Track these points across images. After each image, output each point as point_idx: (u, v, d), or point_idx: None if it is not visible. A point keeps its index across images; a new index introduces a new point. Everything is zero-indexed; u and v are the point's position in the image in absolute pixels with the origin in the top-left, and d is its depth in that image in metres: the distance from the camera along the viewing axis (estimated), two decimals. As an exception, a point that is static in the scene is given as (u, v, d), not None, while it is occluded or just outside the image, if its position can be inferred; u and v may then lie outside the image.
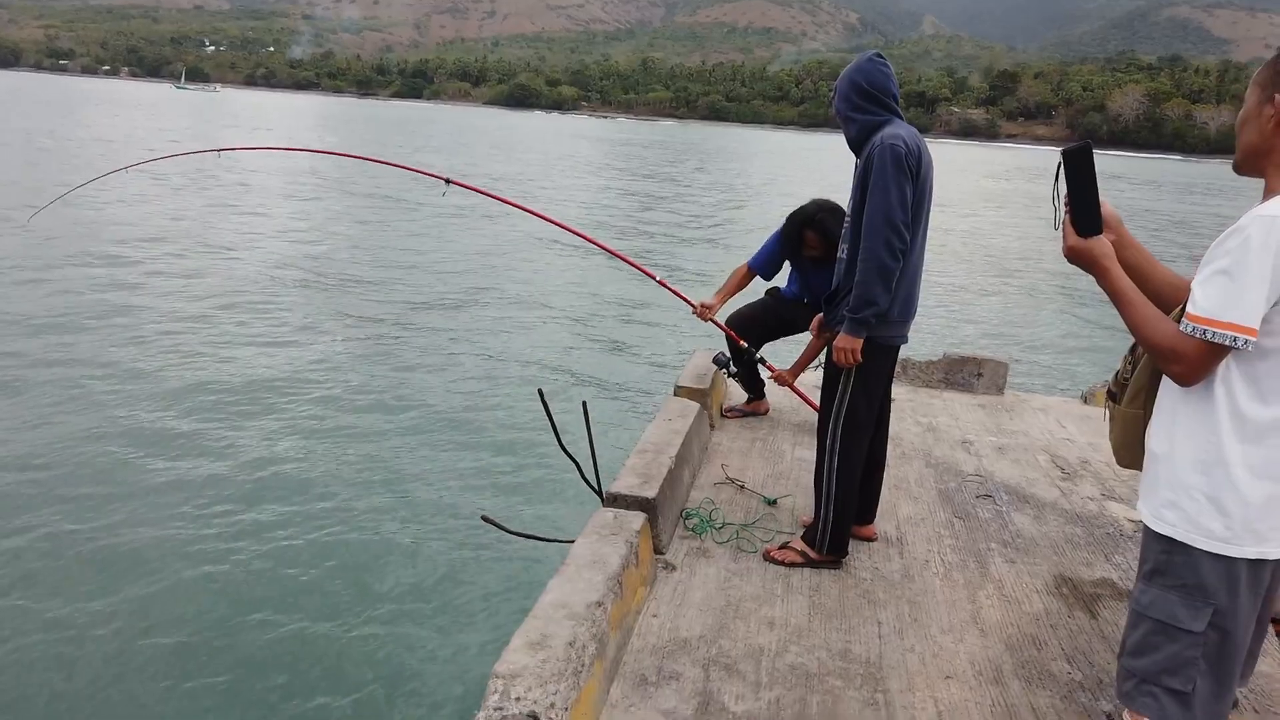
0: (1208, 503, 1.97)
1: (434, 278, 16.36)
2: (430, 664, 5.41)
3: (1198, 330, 1.89)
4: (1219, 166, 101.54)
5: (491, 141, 17.80)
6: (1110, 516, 4.37)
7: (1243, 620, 2.02)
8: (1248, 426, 1.93)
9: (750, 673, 2.94)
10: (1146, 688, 2.07)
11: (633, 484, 3.76)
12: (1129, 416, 2.24)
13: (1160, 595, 2.05)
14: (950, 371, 6.27)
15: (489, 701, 2.37)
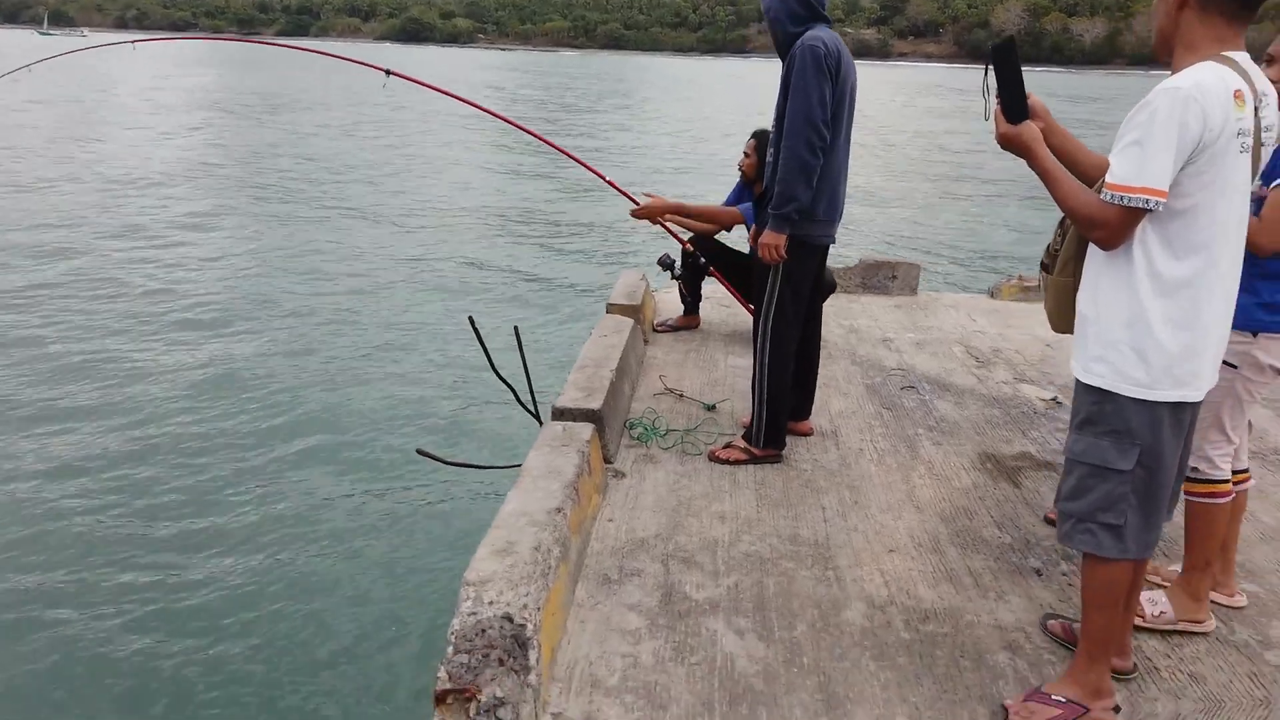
0: (1132, 353, 2.14)
1: (352, 197, 15.90)
2: (379, 601, 5.43)
3: (1115, 197, 2.04)
4: (1097, 78, 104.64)
5: (392, 85, 17.27)
6: (1023, 398, 4.64)
7: (1166, 458, 2.22)
8: (1163, 283, 2.10)
9: (708, 563, 3.08)
10: (1084, 526, 2.27)
11: (577, 398, 3.84)
12: (1060, 285, 2.40)
13: (1092, 442, 2.23)
14: (867, 275, 6.47)
15: (462, 608, 2.44)
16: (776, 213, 3.53)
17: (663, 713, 2.37)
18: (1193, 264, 2.09)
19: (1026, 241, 15.36)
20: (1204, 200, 2.05)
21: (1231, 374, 2.64)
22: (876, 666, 2.57)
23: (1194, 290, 2.11)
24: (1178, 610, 2.72)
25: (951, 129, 36.22)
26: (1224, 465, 2.70)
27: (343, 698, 4.62)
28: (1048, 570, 3.08)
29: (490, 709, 2.22)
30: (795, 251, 3.63)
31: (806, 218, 3.58)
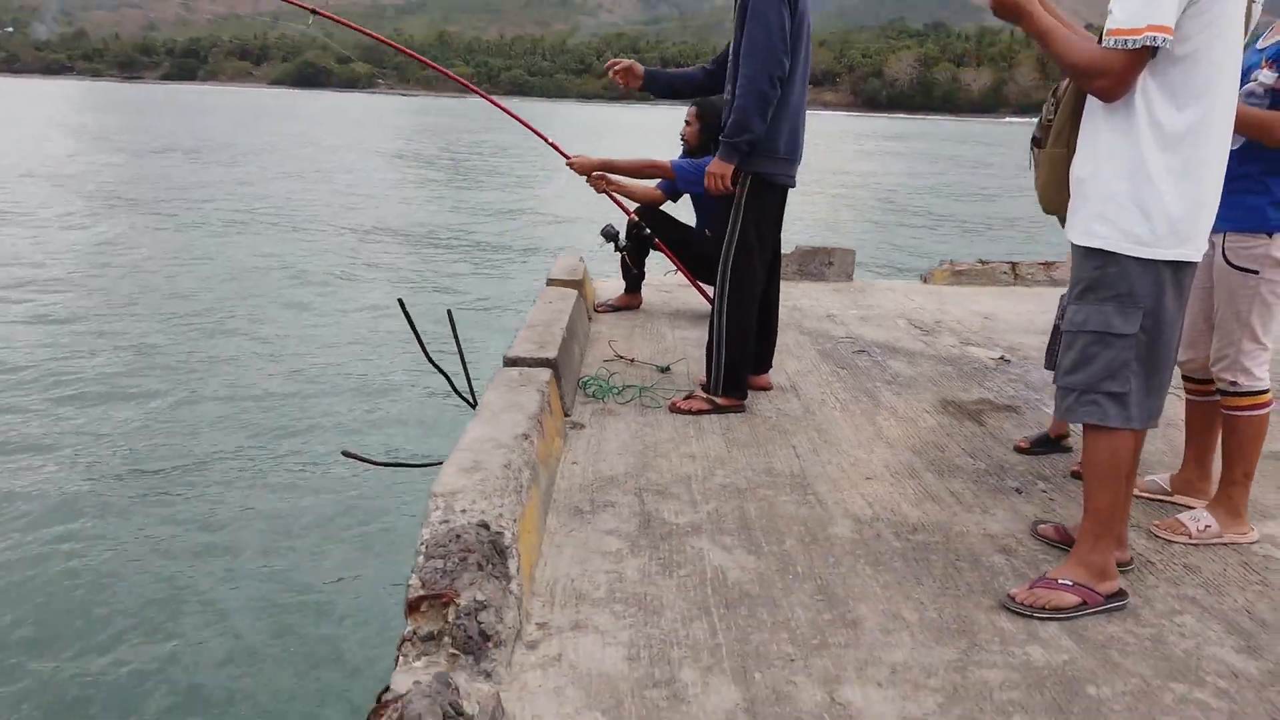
0: (1134, 208, 2.10)
1: (263, 187, 15.31)
2: (306, 614, 5.09)
3: (1119, 42, 2.01)
4: (985, 125, 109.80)
5: (291, 132, 16.61)
6: (972, 357, 4.65)
7: (1169, 321, 2.18)
8: (1164, 134, 2.08)
9: (683, 494, 2.93)
10: (1088, 397, 2.21)
11: (530, 349, 3.66)
12: (1054, 157, 2.36)
13: (1095, 309, 2.18)
14: (803, 262, 6.47)
15: (432, 518, 2.25)
16: (728, 140, 3.45)
17: (657, 618, 2.20)
18: (1193, 112, 2.07)
19: (942, 245, 15.80)
20: (1203, 43, 2.04)
21: (1254, 279, 2.58)
22: (873, 571, 2.45)
23: (1195, 140, 2.08)
24: (1222, 525, 2.67)
25: (870, 168, 37.38)
26: (1262, 374, 2.63)
27: (265, 707, 4.28)
28: (1027, 489, 3.03)
29: (471, 612, 2.01)
30: (758, 189, 3.56)
31: (768, 155, 3.52)
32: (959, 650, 2.09)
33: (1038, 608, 2.24)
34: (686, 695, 1.91)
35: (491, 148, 41.56)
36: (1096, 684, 1.99)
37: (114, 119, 52.50)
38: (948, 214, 23.73)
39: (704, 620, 2.19)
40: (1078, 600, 2.24)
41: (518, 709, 1.86)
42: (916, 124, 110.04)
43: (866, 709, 1.88)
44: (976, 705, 1.91)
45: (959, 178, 35.40)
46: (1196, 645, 2.14)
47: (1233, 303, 2.62)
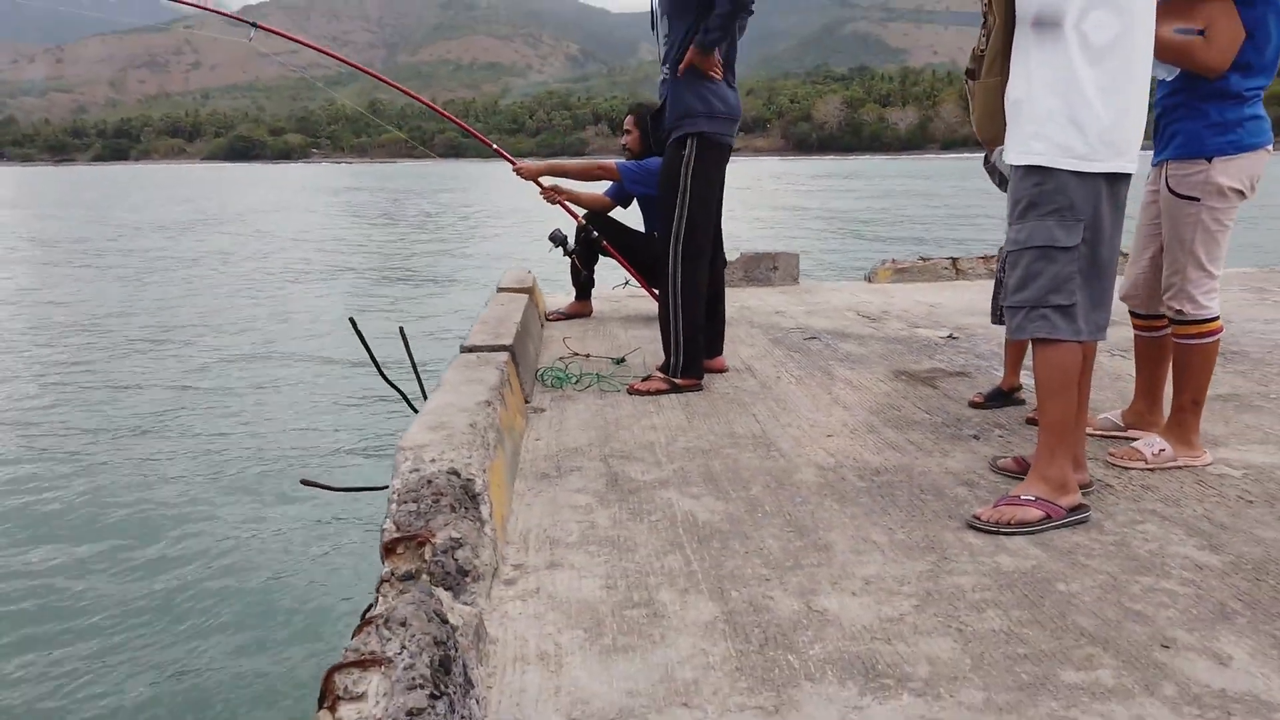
0: (1069, 124, 2.20)
1: (207, 245, 15.06)
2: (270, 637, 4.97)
3: None
4: (913, 162, 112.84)
5: (229, 199, 16.68)
6: (922, 337, 4.75)
7: (1107, 233, 2.27)
8: (1091, 50, 2.19)
9: (648, 457, 2.94)
10: (1037, 313, 2.28)
11: (486, 339, 3.66)
12: (989, 85, 2.45)
13: (1037, 224, 2.26)
14: (749, 268, 6.57)
15: (402, 468, 2.23)
16: (704, 40, 3.53)
17: (631, 554, 2.20)
18: (1117, 28, 2.18)
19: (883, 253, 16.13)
20: None
21: (1195, 206, 2.65)
22: (840, 506, 2.48)
23: (1120, 54, 2.19)
24: (1175, 450, 2.74)
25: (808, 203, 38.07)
26: (1209, 303, 2.69)
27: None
28: (984, 434, 3.09)
29: (448, 550, 1.99)
30: (703, 149, 3.65)
31: (708, 114, 3.62)
32: (929, 563, 2.12)
33: (1003, 523, 2.28)
34: (665, 612, 1.91)
35: (430, 201, 41.63)
36: (1065, 581, 2.03)
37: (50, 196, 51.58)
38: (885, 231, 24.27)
39: (678, 554, 2.19)
40: (1041, 514, 2.29)
41: (500, 631, 1.84)
42: (848, 163, 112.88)
43: (843, 613, 1.90)
44: (950, 604, 1.93)
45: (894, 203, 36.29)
46: (1160, 546, 2.20)
47: (1177, 231, 2.70)
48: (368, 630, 1.63)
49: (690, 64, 3.62)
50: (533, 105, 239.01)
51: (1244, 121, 2.61)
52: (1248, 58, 2.58)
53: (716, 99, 3.67)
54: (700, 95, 3.65)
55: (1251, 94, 2.64)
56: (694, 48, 3.59)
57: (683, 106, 3.66)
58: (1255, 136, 2.65)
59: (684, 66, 3.64)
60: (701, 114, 3.65)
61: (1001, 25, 2.39)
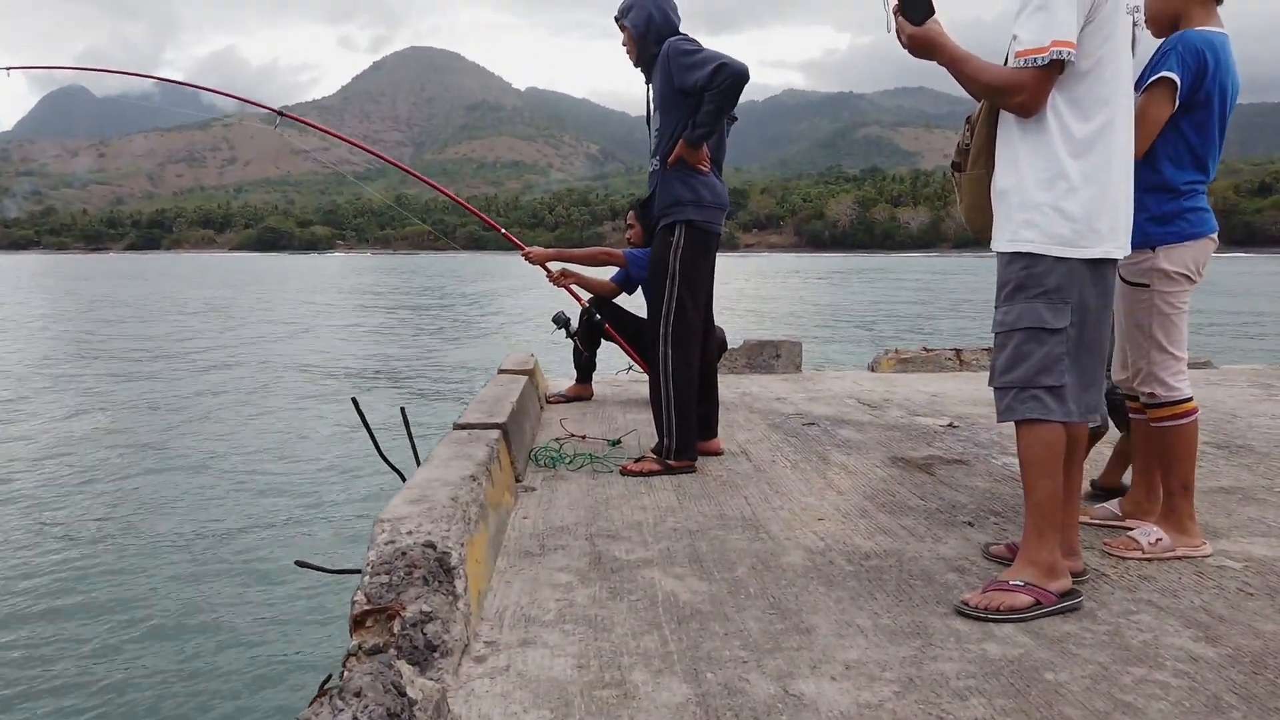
0: (1055, 213, 2.23)
1: (225, 335, 15.15)
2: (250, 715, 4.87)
3: (1029, 61, 2.19)
4: (924, 259, 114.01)
5: (252, 289, 17.16)
6: (921, 425, 4.71)
7: (1095, 316, 2.28)
8: (1075, 143, 2.24)
9: (635, 536, 2.90)
10: (1026, 394, 2.26)
11: (479, 417, 3.66)
12: (976, 178, 2.48)
13: (1025, 306, 2.26)
14: (751, 356, 6.59)
15: (378, 540, 2.20)
16: (693, 136, 3.61)
17: (607, 634, 2.14)
18: (1099, 120, 2.24)
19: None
20: (1106, 55, 2.22)
21: (1147, 292, 2.74)
22: (826, 589, 2.42)
23: (1104, 145, 2.24)
24: (1174, 538, 2.69)
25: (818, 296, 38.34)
26: (1178, 384, 2.71)
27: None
28: (979, 521, 3.03)
29: (418, 623, 1.95)
30: (692, 238, 3.70)
31: (696, 204, 3.68)
32: (914, 648, 2.06)
33: (992, 609, 2.21)
34: (637, 694, 1.85)
35: (445, 292, 42.20)
36: (1054, 670, 1.96)
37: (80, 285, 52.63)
38: (892, 324, 24.35)
39: (655, 634, 2.14)
40: (1031, 600, 2.22)
41: (464, 709, 1.79)
42: (859, 260, 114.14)
43: (820, 698, 1.83)
44: (932, 692, 1.86)
45: (902, 294, 36.48)
46: (1154, 636, 2.12)
47: (1134, 317, 2.78)
48: (321, 700, 1.58)
49: (679, 157, 3.70)
50: (552, 201, 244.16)
51: (1184, 213, 2.71)
52: (1186, 155, 2.70)
53: (705, 189, 3.74)
54: (689, 185, 3.73)
55: (1188, 188, 2.73)
56: (683, 142, 3.67)
57: (671, 196, 3.74)
58: (1196, 226, 2.74)
59: (673, 159, 3.72)
60: (690, 203, 3.71)
61: (985, 119, 2.44)
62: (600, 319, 5.30)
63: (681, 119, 3.70)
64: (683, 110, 3.69)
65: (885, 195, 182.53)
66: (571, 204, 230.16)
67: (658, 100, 3.82)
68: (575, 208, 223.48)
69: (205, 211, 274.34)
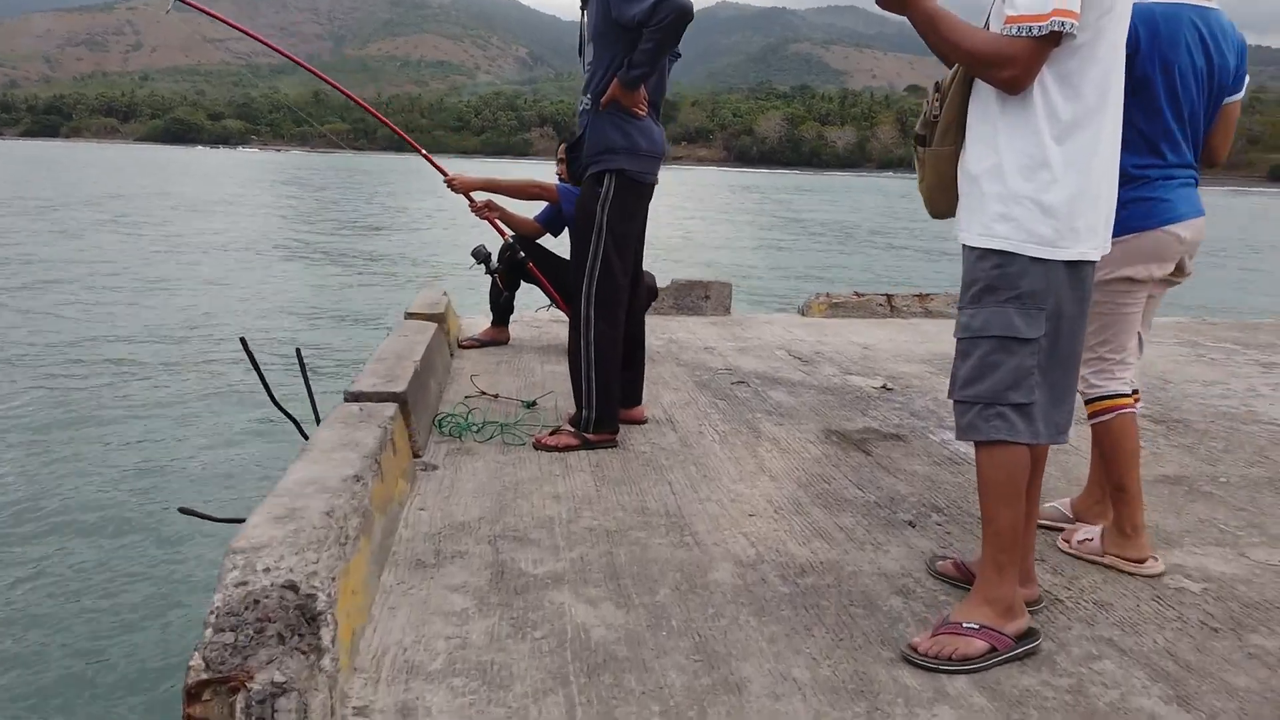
0: (1035, 208, 1.91)
1: (119, 239, 14.09)
2: (141, 688, 4.51)
3: (1023, 29, 1.83)
4: (849, 178, 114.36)
5: (154, 186, 16.30)
6: (854, 386, 4.45)
7: (1071, 325, 1.98)
8: (1061, 126, 1.91)
9: (545, 539, 2.57)
10: (992, 410, 1.97)
11: (375, 383, 3.26)
12: (942, 154, 2.13)
13: (995, 311, 1.95)
14: (679, 296, 6.25)
15: (227, 580, 1.82)
16: (629, 76, 3.20)
17: (504, 693, 1.82)
18: (1089, 103, 1.91)
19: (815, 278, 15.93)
20: (1106, 26, 1.90)
21: None
22: (758, 622, 2.13)
23: (1093, 129, 1.93)
24: (1110, 544, 2.47)
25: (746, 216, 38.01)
26: (1099, 381, 2.49)
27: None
28: (921, 521, 2.78)
29: (266, 699, 1.60)
30: (623, 189, 3.31)
31: (630, 151, 3.29)
32: (859, 713, 1.79)
33: (943, 658, 1.95)
34: (535, 789, 1.54)
35: (364, 199, 40.69)
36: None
37: None
38: (821, 247, 24.23)
39: (560, 692, 1.82)
40: (986, 646, 1.97)
41: (314, 823, 1.45)
42: (786, 178, 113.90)
43: (755, 791, 1.55)
44: (883, 776, 1.59)
45: (832, 216, 36.45)
46: (1121, 696, 1.88)
47: None
48: None
49: (613, 98, 3.27)
50: (479, 105, 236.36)
51: (1124, 204, 2.31)
52: (1133, 139, 2.35)
53: (640, 135, 3.34)
54: (622, 130, 3.32)
55: (1140, 172, 2.41)
56: (618, 82, 3.24)
57: (602, 141, 3.32)
58: (1140, 219, 2.40)
59: (606, 101, 3.29)
60: (622, 150, 3.31)
61: (959, 89, 2.08)
62: (524, 256, 4.89)
63: (617, 55, 3.26)
64: (619, 45, 3.25)
65: (814, 114, 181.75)
66: (499, 108, 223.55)
67: (592, 31, 3.37)
68: (503, 112, 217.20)
69: (108, 99, 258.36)
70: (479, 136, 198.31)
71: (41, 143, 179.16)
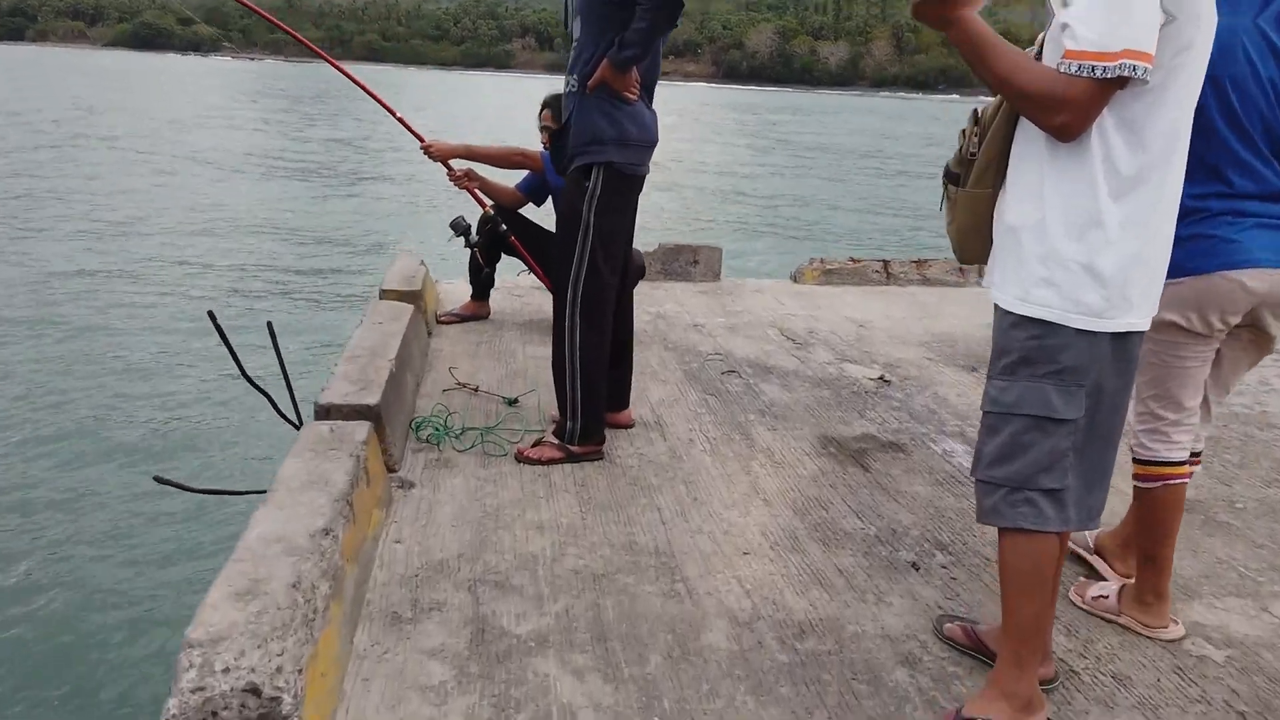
0: (1083, 272, 1.71)
1: (79, 167, 13.55)
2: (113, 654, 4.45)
3: (1084, 68, 1.59)
4: (843, 97, 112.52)
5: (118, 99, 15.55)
6: (850, 378, 4.29)
7: (1112, 398, 1.80)
8: (1119, 180, 1.69)
9: (528, 586, 2.42)
10: (1020, 495, 1.81)
11: (348, 391, 3.06)
12: (978, 198, 1.92)
13: (1030, 387, 1.77)
14: (667, 261, 6.02)
15: (182, 682, 1.66)
16: (620, 57, 2.95)
17: (486, 804, 1.68)
18: (1154, 155, 1.69)
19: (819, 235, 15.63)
20: (1181, 66, 1.66)
21: None
22: (756, 703, 2.00)
23: (1155, 184, 1.70)
24: (1125, 603, 2.34)
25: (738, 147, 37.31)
26: (1152, 444, 2.25)
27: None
28: (924, 562, 2.65)
29: (224, 839, 1.45)
30: (611, 184, 3.09)
31: (619, 142, 3.06)
32: (866, 825, 1.67)
33: (957, 756, 1.83)
34: None
35: (341, 121, 39.58)
36: None
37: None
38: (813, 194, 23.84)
39: (546, 803, 1.69)
40: (1002, 744, 1.85)
41: None
42: (778, 97, 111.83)
43: None
44: None
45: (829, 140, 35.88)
46: (1137, 790, 1.78)
47: None
48: None
49: (602, 81, 3.01)
50: (458, 12, 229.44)
51: (1181, 240, 1.93)
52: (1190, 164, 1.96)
53: (630, 122, 3.08)
54: (612, 118, 3.06)
55: (1198, 204, 2.07)
56: (608, 63, 2.98)
57: (589, 130, 3.07)
58: (1196, 260, 2.07)
59: (594, 84, 3.03)
60: (612, 141, 3.06)
61: (1003, 126, 1.86)
62: (505, 230, 4.65)
63: (608, 33, 2.99)
64: (610, 22, 2.98)
65: (807, 26, 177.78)
66: (479, 16, 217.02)
67: (580, 3, 3.08)
68: (483, 20, 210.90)
69: (74, 1, 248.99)
70: (459, 47, 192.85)
71: (7, 46, 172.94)
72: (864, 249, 15.20)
